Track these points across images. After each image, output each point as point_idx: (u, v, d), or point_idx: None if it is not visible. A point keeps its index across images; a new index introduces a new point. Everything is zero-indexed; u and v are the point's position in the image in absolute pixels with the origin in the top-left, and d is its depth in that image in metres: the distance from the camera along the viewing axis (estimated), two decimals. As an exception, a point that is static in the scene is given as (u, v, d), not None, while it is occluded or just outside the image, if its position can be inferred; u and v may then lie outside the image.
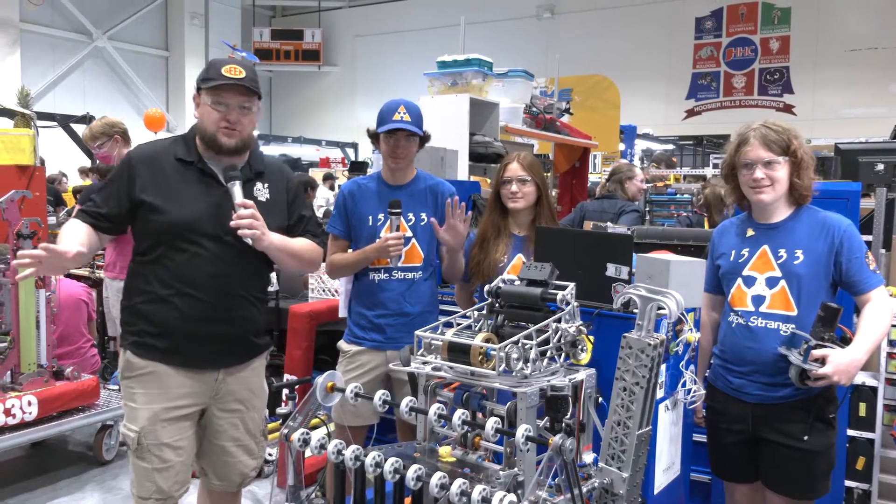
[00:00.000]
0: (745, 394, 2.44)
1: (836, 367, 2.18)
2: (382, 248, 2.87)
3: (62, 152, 10.05)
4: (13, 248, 3.74)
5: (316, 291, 4.49)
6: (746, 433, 2.45)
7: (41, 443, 4.39)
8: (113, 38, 17.42)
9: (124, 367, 2.39)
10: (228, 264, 2.36)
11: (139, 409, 2.34)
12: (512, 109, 5.24)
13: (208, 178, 2.37)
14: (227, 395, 2.44)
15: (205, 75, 2.34)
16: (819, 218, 2.41)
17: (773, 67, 15.72)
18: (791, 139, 2.36)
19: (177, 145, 2.41)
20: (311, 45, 20.14)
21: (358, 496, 1.71)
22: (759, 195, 2.39)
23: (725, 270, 2.53)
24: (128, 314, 2.41)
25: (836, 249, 2.34)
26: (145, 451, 2.33)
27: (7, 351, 3.80)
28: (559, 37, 16.50)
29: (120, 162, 2.41)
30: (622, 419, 1.72)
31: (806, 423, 2.35)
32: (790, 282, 2.36)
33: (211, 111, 2.31)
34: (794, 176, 2.38)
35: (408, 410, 1.74)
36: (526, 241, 3.03)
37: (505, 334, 1.82)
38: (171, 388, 2.34)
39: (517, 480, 1.62)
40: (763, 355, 2.38)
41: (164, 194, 2.32)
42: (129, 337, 2.39)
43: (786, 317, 2.36)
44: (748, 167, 2.39)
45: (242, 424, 2.50)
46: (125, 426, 2.38)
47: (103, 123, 4.31)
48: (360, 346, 3.02)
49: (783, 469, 2.40)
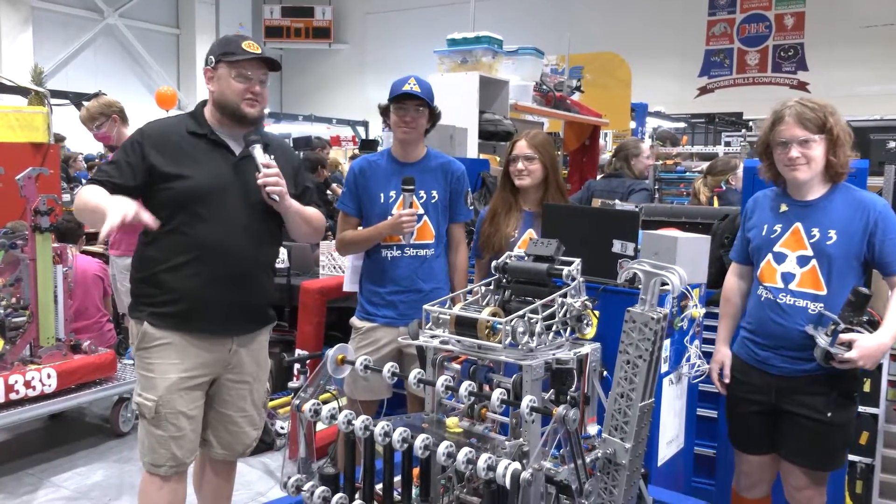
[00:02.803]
0: (771, 365, 2.46)
1: (861, 352, 2.21)
2: (396, 225, 2.90)
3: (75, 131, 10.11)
4: (31, 225, 3.81)
5: (327, 268, 4.54)
6: (768, 404, 2.48)
7: (59, 415, 4.50)
8: (124, 15, 17.40)
9: (141, 339, 2.43)
10: (246, 231, 2.44)
11: (156, 378, 2.40)
12: (522, 87, 5.23)
13: (221, 148, 2.45)
14: (239, 366, 2.53)
15: (225, 49, 2.40)
16: (855, 197, 2.40)
17: (787, 44, 15.51)
18: (827, 116, 2.34)
19: (185, 121, 2.47)
20: (322, 23, 20.06)
21: (367, 466, 1.76)
22: (795, 173, 2.37)
23: (756, 244, 2.52)
24: (143, 285, 2.45)
25: (870, 230, 2.33)
26: (162, 419, 2.39)
27: (26, 325, 3.88)
28: (570, 14, 16.32)
29: (130, 138, 2.43)
30: (625, 391, 1.75)
31: (829, 397, 2.38)
32: (821, 261, 2.36)
33: (234, 83, 2.38)
34: (830, 154, 2.36)
35: (416, 382, 1.78)
36: (536, 218, 3.07)
37: (511, 309, 1.85)
38: (188, 357, 2.41)
39: (522, 450, 1.66)
40: (790, 331, 2.39)
41: (181, 164, 2.37)
42: (144, 308, 2.43)
43: (815, 296, 2.37)
44: (783, 145, 2.37)
45: (250, 396, 2.59)
46: (140, 395, 2.44)
47: (100, 104, 4.26)
48: (373, 322, 3.06)
49: (803, 441, 2.42)
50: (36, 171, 3.90)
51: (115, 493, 3.71)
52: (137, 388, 2.47)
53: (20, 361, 3.85)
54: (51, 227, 3.85)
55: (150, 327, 2.41)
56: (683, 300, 2.56)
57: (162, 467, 2.42)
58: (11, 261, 3.92)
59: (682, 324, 2.59)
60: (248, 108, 2.41)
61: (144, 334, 2.42)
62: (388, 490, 1.76)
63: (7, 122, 5.16)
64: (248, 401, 2.59)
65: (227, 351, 2.49)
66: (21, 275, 3.93)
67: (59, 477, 3.85)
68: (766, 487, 2.65)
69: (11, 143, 5.11)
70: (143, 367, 2.45)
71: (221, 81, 2.40)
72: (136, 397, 2.46)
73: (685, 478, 2.89)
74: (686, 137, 13.20)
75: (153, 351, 2.41)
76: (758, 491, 2.64)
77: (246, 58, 2.37)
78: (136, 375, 2.49)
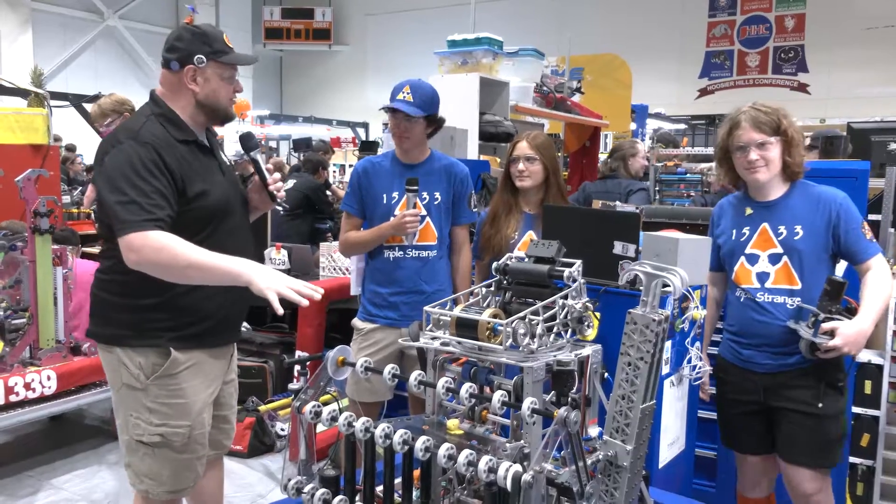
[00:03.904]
0: (756, 364, 2.51)
1: (845, 339, 2.27)
2: (399, 226, 2.90)
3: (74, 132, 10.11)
4: (30, 227, 3.80)
5: (327, 270, 4.53)
6: (757, 403, 2.52)
7: (59, 417, 4.50)
8: (124, 17, 17.40)
9: (168, 366, 2.21)
10: (248, 234, 2.44)
11: (189, 402, 2.25)
12: (522, 88, 5.23)
13: (207, 152, 2.32)
14: (230, 367, 2.51)
15: (213, 45, 2.21)
16: (814, 192, 2.48)
17: (787, 46, 15.51)
18: (780, 118, 2.43)
19: (164, 126, 2.20)
20: (322, 24, 20.05)
21: (368, 468, 1.75)
22: (755, 175, 2.46)
23: (727, 249, 2.58)
24: (155, 312, 2.20)
25: (833, 222, 2.41)
26: (194, 442, 2.27)
27: (26, 327, 3.88)
28: (571, 15, 16.32)
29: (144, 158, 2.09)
30: (626, 393, 1.75)
31: (817, 389, 2.43)
32: (792, 257, 2.44)
33: (226, 84, 2.26)
34: (786, 154, 2.45)
35: (416, 384, 1.78)
36: (536, 219, 3.06)
37: (512, 310, 1.84)
38: (210, 372, 2.34)
39: (523, 452, 1.65)
40: (771, 328, 2.45)
41: (197, 178, 2.20)
42: (161, 334, 2.20)
43: (790, 291, 2.44)
44: (742, 150, 2.46)
45: (236, 392, 2.59)
46: (165, 425, 2.22)
47: (113, 101, 4.19)
48: (375, 323, 3.06)
49: (797, 437, 2.46)
50: (35, 173, 3.90)
51: (114, 496, 3.70)
52: (153, 418, 2.21)
53: (20, 363, 3.84)
54: (50, 228, 3.85)
55: (177, 353, 2.22)
56: (685, 302, 2.56)
57: (185, 490, 2.31)
58: (11, 262, 3.92)
59: (683, 325, 2.58)
60: (231, 108, 2.32)
61: (174, 361, 2.21)
62: (389, 492, 1.75)
63: (7, 123, 5.16)
64: (235, 396, 2.59)
65: (229, 356, 2.48)
66: (21, 276, 3.92)
67: (59, 479, 3.85)
68: (768, 486, 2.67)
69: (11, 144, 5.11)
70: (167, 395, 2.21)
71: (212, 83, 2.22)
72: (156, 429, 2.21)
73: (686, 480, 2.88)
74: (686, 139, 13.19)
75: (182, 376, 2.23)
76: (760, 490, 2.66)
77: (247, 63, 2.31)
78: (150, 405, 2.21)
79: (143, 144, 2.10)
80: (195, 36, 2.23)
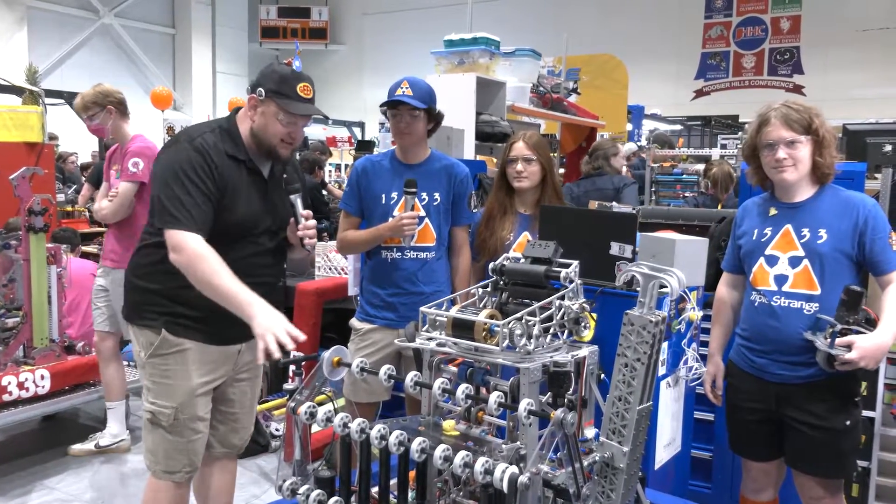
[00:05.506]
0: (768, 373, 2.43)
1: (862, 353, 2.17)
2: (396, 227, 2.88)
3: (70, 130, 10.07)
4: (25, 225, 3.79)
5: (322, 270, 4.53)
6: (768, 412, 2.45)
7: (53, 416, 4.48)
8: (119, 15, 17.35)
9: (158, 346, 2.35)
10: (273, 255, 2.49)
11: (175, 384, 2.36)
12: (519, 89, 5.22)
13: (256, 175, 2.42)
14: (244, 365, 2.54)
15: (281, 87, 2.31)
16: (843, 197, 2.39)
17: (783, 47, 15.56)
18: (812, 118, 2.34)
19: (222, 140, 2.35)
20: (318, 24, 20.04)
21: (363, 469, 1.75)
22: (782, 174, 2.37)
23: (747, 249, 2.50)
24: (156, 296, 2.37)
25: (860, 229, 2.32)
26: (181, 426, 2.36)
27: (20, 326, 3.86)
28: (568, 16, 16.34)
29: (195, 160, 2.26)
30: (623, 394, 1.74)
31: (832, 403, 2.35)
32: (813, 261, 2.35)
33: (279, 125, 2.34)
34: (817, 155, 2.35)
35: (412, 385, 1.77)
36: (532, 220, 3.05)
37: (509, 311, 1.84)
38: (206, 363, 2.40)
39: (519, 454, 1.64)
40: (785, 334, 2.36)
41: (226, 195, 2.32)
42: (157, 316, 2.36)
43: (809, 296, 2.35)
44: (770, 147, 2.36)
45: (251, 391, 2.62)
46: (153, 403, 2.37)
47: (96, 92, 3.86)
48: (372, 324, 3.04)
49: (810, 450, 2.39)
50: (30, 171, 3.89)
51: (108, 496, 3.68)
52: (149, 395, 2.38)
53: (13, 362, 3.83)
54: (45, 227, 3.83)
55: (167, 334, 2.35)
56: (681, 303, 2.55)
57: (177, 473, 2.40)
58: (5, 261, 3.90)
59: (679, 326, 2.58)
60: (283, 150, 2.39)
61: (163, 341, 2.35)
62: (385, 493, 1.74)
63: (1, 121, 5.14)
64: (249, 395, 2.62)
65: (237, 353, 2.50)
66: (15, 275, 3.90)
67: (52, 479, 3.83)
68: (773, 491, 2.62)
69: (5, 142, 5.09)
70: (158, 374, 2.37)
71: (266, 118, 2.34)
72: (149, 405, 2.38)
73: (682, 481, 2.88)
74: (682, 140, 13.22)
75: (171, 357, 2.35)
76: (765, 495, 2.61)
77: (300, 113, 2.35)
78: (147, 383, 2.39)
79: (195, 148, 2.29)
80: (273, 73, 2.37)
